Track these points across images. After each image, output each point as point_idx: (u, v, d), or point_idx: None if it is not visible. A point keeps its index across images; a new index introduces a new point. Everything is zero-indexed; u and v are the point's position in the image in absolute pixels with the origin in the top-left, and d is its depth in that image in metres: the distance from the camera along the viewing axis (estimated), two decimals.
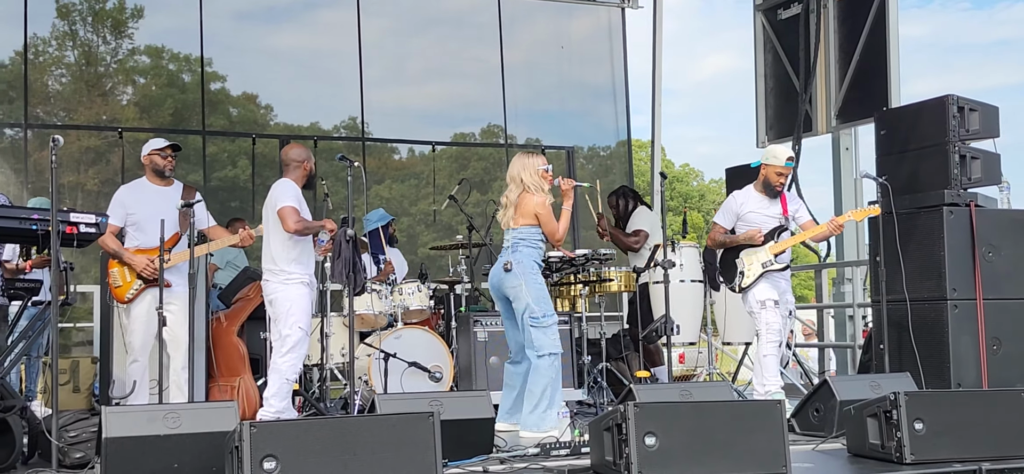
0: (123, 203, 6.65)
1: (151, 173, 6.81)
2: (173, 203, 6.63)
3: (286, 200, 6.54)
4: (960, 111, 7.49)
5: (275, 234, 6.62)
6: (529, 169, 6.72)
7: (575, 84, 13.21)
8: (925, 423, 5.22)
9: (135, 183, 6.88)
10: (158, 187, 6.77)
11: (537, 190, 6.69)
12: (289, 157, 6.83)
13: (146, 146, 6.90)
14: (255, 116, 12.65)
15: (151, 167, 6.80)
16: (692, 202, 38.18)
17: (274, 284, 6.62)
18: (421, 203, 12.98)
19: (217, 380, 7.19)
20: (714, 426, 4.93)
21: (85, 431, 5.40)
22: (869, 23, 9.93)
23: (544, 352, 6.59)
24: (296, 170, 6.77)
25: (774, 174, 7.26)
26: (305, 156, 6.83)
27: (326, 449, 4.37)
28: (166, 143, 6.84)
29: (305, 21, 12.61)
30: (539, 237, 6.73)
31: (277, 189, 6.66)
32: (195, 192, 6.71)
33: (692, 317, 8.38)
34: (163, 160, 6.77)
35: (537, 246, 6.73)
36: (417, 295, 8.07)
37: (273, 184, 6.78)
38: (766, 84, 11.37)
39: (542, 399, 6.54)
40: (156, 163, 6.78)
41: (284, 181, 6.70)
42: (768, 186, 7.30)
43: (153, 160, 6.79)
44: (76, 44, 11.89)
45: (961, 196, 7.41)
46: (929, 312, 7.28)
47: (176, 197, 6.69)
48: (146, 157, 6.83)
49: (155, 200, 6.66)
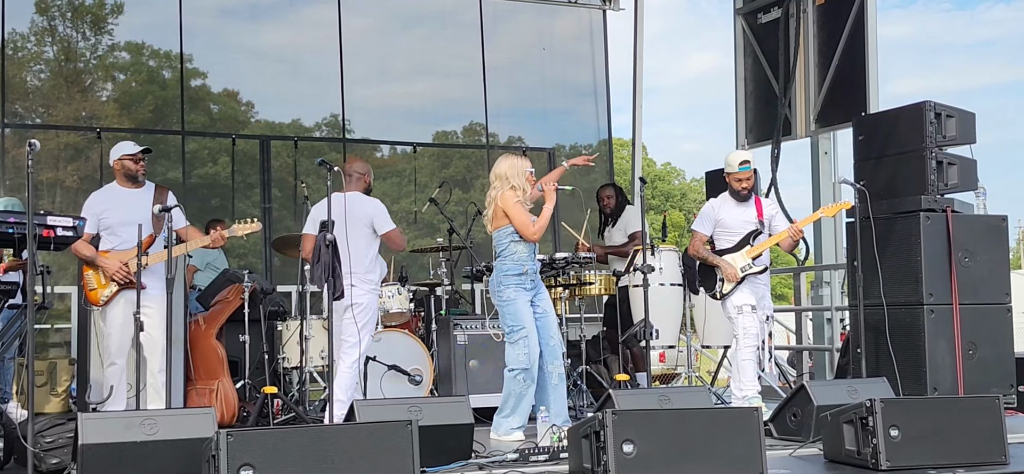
0: (94, 210, 6.57)
1: (122, 177, 6.71)
2: (146, 205, 6.59)
3: (390, 220, 6.97)
4: (937, 117, 7.55)
5: (364, 244, 6.85)
6: (517, 169, 6.75)
7: (557, 84, 13.25)
8: (901, 429, 5.27)
9: (106, 188, 6.78)
10: (130, 190, 6.70)
11: (519, 189, 6.70)
12: (355, 169, 7.10)
13: (116, 151, 6.77)
14: (236, 113, 12.62)
15: (122, 172, 6.69)
16: (674, 201, 38.29)
17: (362, 291, 6.82)
18: (402, 201, 12.97)
19: (195, 383, 7.16)
20: (692, 433, 4.97)
21: (61, 436, 5.39)
22: (848, 28, 9.98)
23: (511, 366, 6.67)
24: (359, 182, 7.06)
25: (734, 181, 7.38)
26: (367, 170, 7.18)
27: (303, 457, 4.38)
28: (137, 149, 6.73)
29: (287, 18, 12.58)
30: (511, 240, 6.70)
31: (370, 205, 6.96)
32: (168, 192, 6.68)
33: (671, 321, 8.41)
34: (135, 165, 6.68)
35: (511, 255, 6.69)
36: (397, 298, 8.07)
37: (351, 196, 6.95)
38: (746, 87, 11.42)
39: (505, 407, 6.70)
40: (128, 168, 6.68)
41: (372, 199, 7.00)
42: (734, 192, 7.40)
43: (124, 165, 6.68)
44: (55, 40, 11.82)
45: (938, 202, 7.48)
46: (906, 317, 7.34)
47: (148, 198, 6.64)
48: (117, 162, 6.70)
49: (128, 203, 6.60)
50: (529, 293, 6.75)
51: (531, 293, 6.76)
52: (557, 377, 6.73)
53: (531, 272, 6.75)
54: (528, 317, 6.66)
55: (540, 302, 6.80)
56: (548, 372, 6.73)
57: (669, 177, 41.41)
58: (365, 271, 6.87)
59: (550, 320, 6.81)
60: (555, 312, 8.30)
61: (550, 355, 6.75)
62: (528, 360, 6.61)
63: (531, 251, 6.77)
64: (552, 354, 6.76)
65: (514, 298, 6.67)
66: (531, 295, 6.77)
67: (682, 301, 8.51)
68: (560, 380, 6.74)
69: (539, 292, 6.83)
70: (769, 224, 7.40)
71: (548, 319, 6.80)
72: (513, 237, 6.70)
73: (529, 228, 6.66)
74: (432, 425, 5.31)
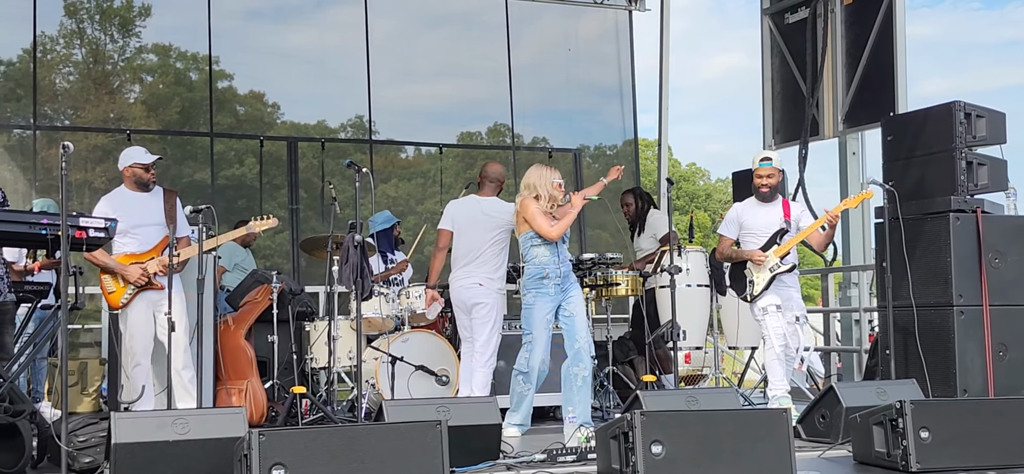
0: (106, 215, 6.61)
1: (131, 183, 6.75)
2: (156, 208, 6.65)
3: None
4: (967, 117, 7.49)
5: (499, 247, 7.30)
6: (545, 179, 6.84)
7: (582, 84, 13.23)
8: (931, 431, 5.24)
9: (115, 193, 6.79)
10: (139, 194, 6.73)
11: (544, 198, 6.76)
12: (495, 174, 7.50)
13: (126, 157, 6.80)
14: (262, 114, 12.68)
15: (133, 178, 6.73)
16: (699, 201, 38.18)
17: (491, 291, 7.26)
18: (427, 202, 13.00)
19: (225, 383, 7.21)
20: (721, 435, 4.96)
21: (94, 436, 5.43)
22: (876, 28, 9.92)
23: (515, 366, 6.94)
24: (494, 187, 7.47)
25: (755, 178, 7.43)
26: (503, 175, 7.62)
27: (334, 457, 4.41)
28: (150, 159, 6.78)
29: (313, 20, 12.63)
30: (531, 244, 6.81)
31: (508, 209, 7.28)
32: (176, 195, 6.74)
33: (698, 322, 8.40)
34: (146, 174, 6.73)
35: (532, 259, 6.83)
36: (424, 299, 8.08)
37: (491, 200, 7.40)
38: (773, 88, 11.37)
39: (510, 403, 6.88)
40: (139, 176, 6.72)
41: (508, 204, 7.28)
42: (757, 192, 7.42)
43: (136, 173, 6.72)
44: (84, 42, 11.91)
45: (967, 202, 7.42)
46: (935, 318, 7.29)
47: (158, 202, 6.70)
48: (128, 168, 6.73)
49: (138, 207, 6.65)
50: (551, 299, 6.79)
51: (555, 298, 6.80)
52: (581, 380, 6.74)
53: (554, 275, 6.79)
54: (539, 325, 6.77)
55: (568, 305, 6.84)
56: (573, 374, 6.76)
57: (694, 177, 41.30)
58: (493, 269, 7.29)
59: (577, 323, 6.82)
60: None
61: (575, 358, 6.78)
62: (528, 365, 6.80)
63: (554, 255, 6.79)
64: (577, 357, 6.78)
65: (532, 303, 6.80)
66: (555, 300, 6.80)
67: (709, 302, 8.49)
68: (584, 383, 6.75)
69: (568, 295, 6.85)
70: (796, 224, 7.38)
71: (575, 322, 6.81)
72: (533, 241, 6.80)
73: (545, 229, 6.72)
74: (460, 425, 5.32)
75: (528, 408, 6.90)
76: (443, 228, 7.55)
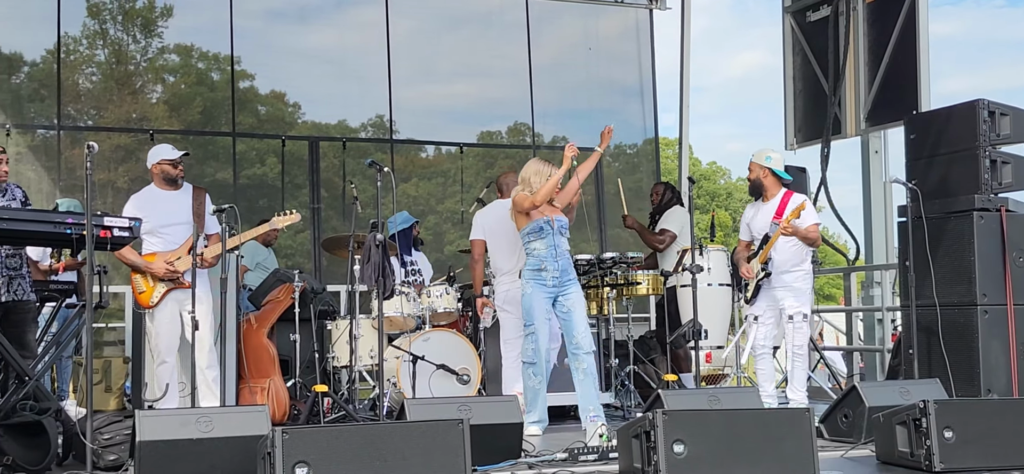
0: (136, 213, 6.65)
1: (160, 181, 6.79)
2: (185, 206, 6.67)
3: None
4: (991, 115, 7.45)
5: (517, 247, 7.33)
6: (541, 174, 6.86)
7: (602, 83, 13.20)
8: (955, 431, 5.21)
9: (145, 191, 6.84)
10: (169, 192, 6.78)
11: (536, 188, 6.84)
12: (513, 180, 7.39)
13: (154, 154, 6.85)
14: (283, 114, 12.72)
15: (161, 176, 6.77)
16: (719, 200, 38.07)
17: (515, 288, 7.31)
18: (448, 201, 13.02)
19: (247, 382, 7.24)
20: (743, 434, 4.94)
21: (118, 433, 5.47)
22: (899, 25, 9.88)
23: (522, 359, 6.96)
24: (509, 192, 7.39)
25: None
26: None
27: (356, 455, 4.42)
28: (177, 154, 6.82)
29: (334, 20, 12.66)
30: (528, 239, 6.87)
31: None
32: (205, 193, 6.76)
33: (720, 321, 8.37)
34: (174, 170, 6.77)
35: (530, 252, 6.88)
36: (445, 298, 8.10)
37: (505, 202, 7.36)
38: (795, 86, 11.34)
39: (524, 402, 6.84)
40: (167, 172, 6.76)
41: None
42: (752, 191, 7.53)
43: (164, 169, 6.77)
44: (106, 43, 11.99)
45: (991, 201, 7.38)
46: (959, 317, 7.25)
47: (187, 200, 6.73)
48: (156, 166, 6.78)
49: (168, 205, 6.69)
50: (548, 290, 6.82)
51: (551, 291, 6.82)
52: (582, 373, 6.79)
53: (552, 268, 6.81)
54: (538, 314, 6.80)
55: (565, 301, 6.87)
56: (574, 369, 6.84)
57: (714, 176, 41.16)
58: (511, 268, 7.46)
59: (575, 319, 6.85)
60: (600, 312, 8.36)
61: (573, 354, 6.83)
62: (534, 355, 6.82)
63: (550, 248, 6.82)
64: (574, 352, 6.83)
65: (529, 293, 6.84)
66: (553, 292, 6.83)
67: (730, 301, 8.47)
68: (585, 376, 6.79)
69: (566, 291, 6.87)
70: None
71: (573, 317, 6.85)
72: (529, 236, 6.86)
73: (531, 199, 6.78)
74: (482, 424, 5.33)
75: (544, 404, 6.91)
76: (475, 239, 7.69)
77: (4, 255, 6.16)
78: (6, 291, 6.13)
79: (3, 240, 5.89)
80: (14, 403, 5.40)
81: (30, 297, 6.40)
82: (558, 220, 6.90)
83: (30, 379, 5.63)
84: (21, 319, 6.33)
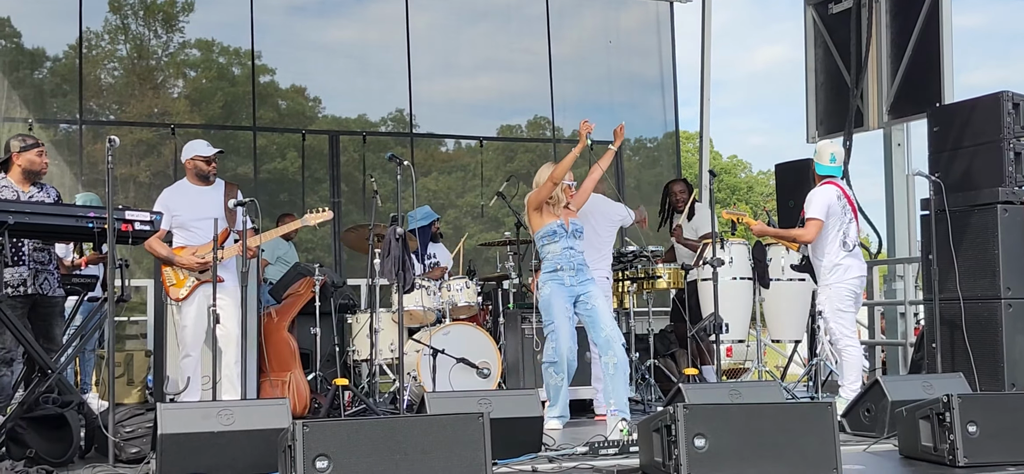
0: (167, 207, 6.68)
1: (193, 176, 6.85)
2: (216, 202, 6.69)
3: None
4: (1015, 108, 7.39)
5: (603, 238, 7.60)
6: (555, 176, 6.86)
7: (623, 77, 13.17)
8: (979, 426, 5.16)
9: (177, 186, 6.92)
10: (201, 188, 6.83)
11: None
12: None
13: (188, 150, 6.91)
14: (303, 108, 12.76)
15: (194, 171, 6.83)
16: (740, 194, 37.91)
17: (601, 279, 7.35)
18: (468, 195, 13.02)
19: (268, 375, 7.26)
20: (764, 428, 4.90)
21: (140, 426, 5.49)
22: (922, 17, 9.80)
23: (543, 359, 6.93)
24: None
25: None
26: None
27: (377, 449, 4.41)
28: (211, 151, 6.87)
29: (354, 14, 12.69)
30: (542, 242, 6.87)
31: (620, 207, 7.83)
32: (237, 190, 6.79)
33: (741, 315, 8.32)
34: (207, 166, 6.82)
35: (546, 254, 6.88)
36: (465, 291, 8.10)
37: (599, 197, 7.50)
38: (816, 79, 11.26)
39: (546, 397, 6.85)
40: (200, 168, 6.82)
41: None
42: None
43: (197, 165, 6.82)
44: (128, 38, 12.05)
45: (1016, 194, 7.31)
46: (982, 311, 7.20)
47: (219, 196, 6.76)
48: (189, 161, 6.85)
49: (199, 200, 6.73)
50: (567, 289, 6.79)
51: (572, 289, 6.79)
52: (612, 367, 6.74)
53: (568, 268, 6.80)
54: (559, 312, 6.76)
55: (587, 299, 6.84)
56: (604, 364, 6.79)
57: (735, 170, 41.02)
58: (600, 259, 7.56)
59: (599, 314, 6.82)
60: (621, 306, 8.35)
61: (604, 347, 6.79)
62: (556, 354, 6.77)
63: (565, 250, 6.81)
64: (606, 345, 6.78)
65: (548, 294, 6.82)
66: (572, 290, 6.80)
67: (752, 295, 8.42)
68: (615, 369, 6.74)
69: (586, 288, 6.85)
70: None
71: (597, 313, 6.82)
72: (543, 239, 6.86)
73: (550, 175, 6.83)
74: (502, 418, 5.32)
75: (565, 399, 6.90)
76: None
77: (31, 249, 6.21)
78: (33, 284, 6.19)
79: (28, 234, 5.93)
80: (37, 396, 5.43)
81: (57, 292, 6.45)
82: (573, 223, 6.90)
83: (53, 372, 5.66)
84: (48, 313, 6.38)
